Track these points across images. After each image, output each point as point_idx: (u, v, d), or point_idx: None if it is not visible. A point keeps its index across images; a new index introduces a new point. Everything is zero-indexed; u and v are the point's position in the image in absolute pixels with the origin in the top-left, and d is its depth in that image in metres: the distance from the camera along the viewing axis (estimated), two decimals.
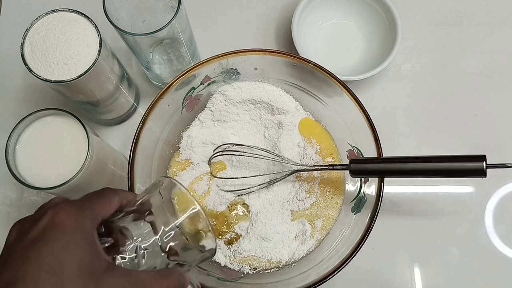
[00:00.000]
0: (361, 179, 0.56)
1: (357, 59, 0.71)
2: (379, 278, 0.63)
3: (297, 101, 0.62)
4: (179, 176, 0.61)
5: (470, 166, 0.47)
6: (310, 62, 0.56)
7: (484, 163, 0.46)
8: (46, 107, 0.52)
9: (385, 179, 0.52)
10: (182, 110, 0.60)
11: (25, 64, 0.52)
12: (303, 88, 0.60)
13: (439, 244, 0.64)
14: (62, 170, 0.51)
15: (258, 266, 0.57)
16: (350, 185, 0.59)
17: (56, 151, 0.52)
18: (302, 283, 0.50)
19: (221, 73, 0.58)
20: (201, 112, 0.62)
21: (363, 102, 0.54)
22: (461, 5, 0.75)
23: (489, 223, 0.65)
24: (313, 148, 0.62)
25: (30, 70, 0.52)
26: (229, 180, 0.61)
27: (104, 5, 0.53)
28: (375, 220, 0.51)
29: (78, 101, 0.59)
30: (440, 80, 0.71)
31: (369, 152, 0.54)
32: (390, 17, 0.67)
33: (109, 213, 0.36)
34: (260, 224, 0.58)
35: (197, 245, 0.40)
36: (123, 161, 0.63)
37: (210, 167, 0.62)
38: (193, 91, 0.59)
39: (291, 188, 0.60)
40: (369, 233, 0.50)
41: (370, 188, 0.54)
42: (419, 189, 0.67)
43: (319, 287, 0.49)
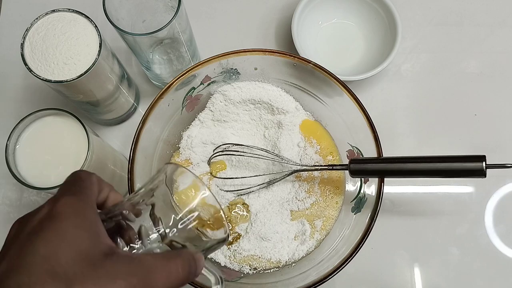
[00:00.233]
0: (361, 179, 0.56)
1: (357, 59, 0.70)
2: (379, 278, 0.63)
3: (297, 101, 0.62)
4: None
5: (470, 166, 0.47)
6: (310, 62, 0.56)
7: (484, 163, 0.46)
8: (46, 107, 0.52)
9: (385, 179, 0.52)
10: (182, 110, 0.60)
11: (25, 64, 0.52)
12: (303, 88, 0.60)
13: (439, 244, 0.64)
14: (62, 170, 0.51)
15: (258, 266, 0.57)
16: (350, 185, 0.59)
17: (56, 151, 0.52)
18: (302, 283, 0.50)
19: (221, 73, 0.58)
20: (201, 112, 0.62)
21: (363, 102, 0.54)
22: (461, 5, 0.75)
23: (489, 223, 0.65)
24: (313, 148, 0.62)
25: (30, 70, 0.52)
26: (229, 180, 0.61)
27: (104, 5, 0.53)
28: (375, 220, 0.51)
29: (78, 101, 0.59)
30: (440, 80, 0.71)
31: (369, 152, 0.54)
32: (390, 17, 0.67)
33: (101, 193, 0.34)
34: (259, 224, 0.58)
35: (211, 231, 0.37)
36: (123, 161, 0.63)
37: (210, 167, 0.62)
38: (193, 91, 0.59)
39: (291, 188, 0.60)
40: (369, 233, 0.50)
41: (370, 188, 0.54)
42: (419, 189, 0.67)
43: (319, 287, 0.49)
